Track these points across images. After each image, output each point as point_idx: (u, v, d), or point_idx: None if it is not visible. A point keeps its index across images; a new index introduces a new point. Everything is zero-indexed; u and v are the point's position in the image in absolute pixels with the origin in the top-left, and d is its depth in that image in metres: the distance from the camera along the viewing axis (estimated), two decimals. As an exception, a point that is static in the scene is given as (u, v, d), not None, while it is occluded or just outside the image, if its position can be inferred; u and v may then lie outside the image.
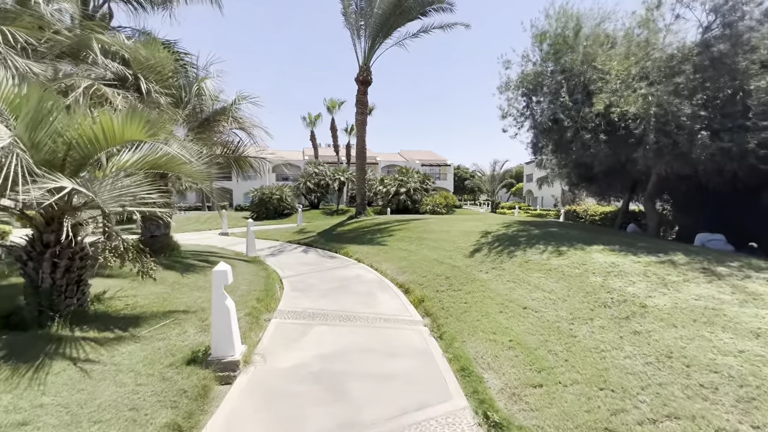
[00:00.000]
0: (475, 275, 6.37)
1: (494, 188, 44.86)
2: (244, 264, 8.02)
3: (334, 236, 12.99)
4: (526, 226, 9.47)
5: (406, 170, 28.01)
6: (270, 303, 5.58)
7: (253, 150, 9.16)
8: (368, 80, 15.31)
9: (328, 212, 27.89)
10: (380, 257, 9.04)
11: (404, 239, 10.47)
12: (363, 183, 16.14)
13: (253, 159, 8.92)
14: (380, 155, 52.79)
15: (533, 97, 8.66)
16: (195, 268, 6.74)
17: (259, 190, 25.79)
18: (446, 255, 8.04)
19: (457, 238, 9.25)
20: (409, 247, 9.48)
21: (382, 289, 6.63)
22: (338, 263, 8.94)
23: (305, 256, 9.94)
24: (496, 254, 7.19)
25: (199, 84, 6.78)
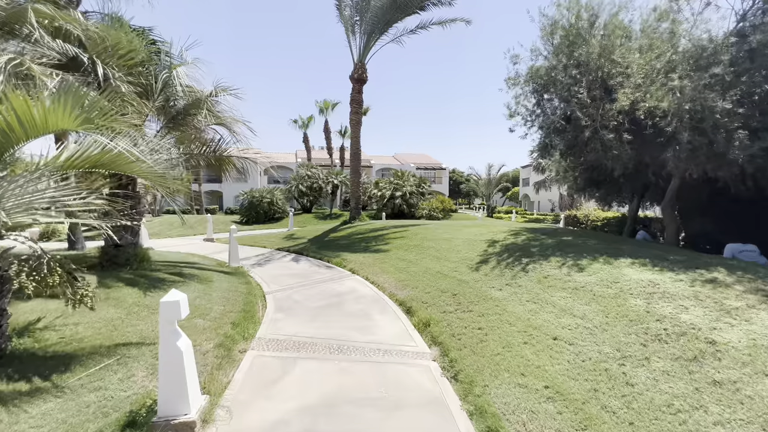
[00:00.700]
0: (487, 292, 5.55)
1: (490, 192, 44.35)
2: (224, 277, 7.11)
3: (327, 243, 12.11)
4: (536, 234, 8.70)
5: (402, 173, 27.24)
6: (248, 328, 4.69)
7: (237, 149, 8.27)
8: (363, 78, 14.51)
9: (321, 216, 26.97)
10: (377, 268, 8.19)
11: (402, 247, 9.64)
12: (357, 186, 15.30)
13: (237, 159, 8.03)
14: (375, 158, 52.02)
15: (545, 94, 7.92)
16: (164, 283, 5.82)
17: (249, 193, 24.81)
18: (451, 267, 7.22)
19: (461, 246, 8.45)
20: (409, 257, 8.65)
21: (379, 308, 5.77)
22: (330, 275, 8.06)
23: (294, 266, 9.05)
24: (508, 267, 6.39)
25: (171, 71, 5.91)
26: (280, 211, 24.87)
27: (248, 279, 7.43)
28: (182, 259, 8.86)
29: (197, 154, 7.46)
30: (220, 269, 7.98)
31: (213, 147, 7.57)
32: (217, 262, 9.02)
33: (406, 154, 57.33)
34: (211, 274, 7.08)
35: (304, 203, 29.17)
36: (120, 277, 5.83)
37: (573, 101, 7.05)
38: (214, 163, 7.88)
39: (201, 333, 4.24)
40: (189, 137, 7.49)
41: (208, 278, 6.67)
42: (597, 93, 6.75)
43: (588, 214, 20.34)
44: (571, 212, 23.35)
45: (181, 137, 7.37)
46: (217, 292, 5.87)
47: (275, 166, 46.85)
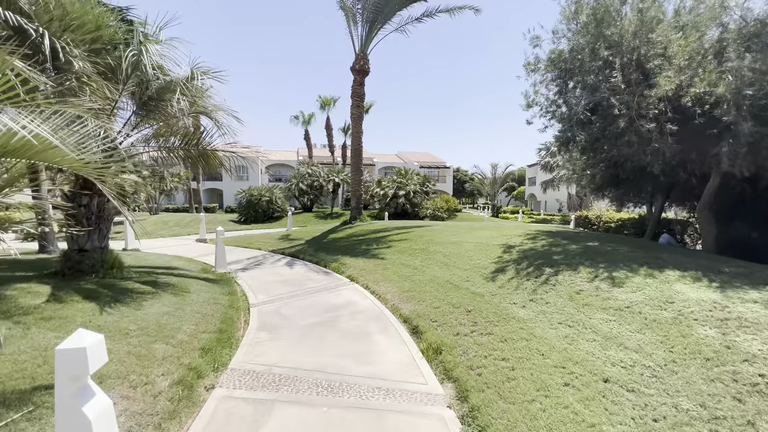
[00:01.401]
0: (507, 310, 4.69)
1: (495, 192, 43.39)
2: (205, 286, 6.29)
3: (325, 245, 11.28)
4: (556, 238, 7.82)
5: (406, 171, 26.38)
6: (221, 355, 3.86)
7: (227, 145, 7.43)
8: (365, 69, 13.65)
9: (322, 216, 26.18)
10: (378, 275, 7.35)
11: (406, 251, 8.79)
12: (359, 184, 14.45)
13: (222, 153, 7.19)
14: (377, 156, 51.19)
15: (568, 81, 7.03)
16: (130, 295, 5.00)
17: (248, 192, 24.05)
18: (462, 276, 6.36)
19: (472, 252, 7.58)
20: (414, 263, 7.79)
21: (381, 326, 4.92)
22: (326, 283, 7.22)
23: (287, 272, 8.22)
24: (530, 278, 5.52)
25: (140, 49, 5.07)
26: (279, 210, 24.11)
27: (233, 288, 6.60)
28: (164, 263, 8.05)
29: (174, 147, 6.62)
30: (204, 275, 7.16)
31: (194, 140, 6.74)
32: (203, 267, 8.20)
33: (410, 153, 56.46)
34: (191, 283, 6.26)
35: (305, 202, 28.40)
36: (80, 288, 5.02)
37: (603, 87, 6.16)
38: (196, 158, 7.04)
39: (158, 365, 3.41)
40: (168, 128, 6.65)
41: (186, 288, 5.85)
42: (633, 77, 5.85)
43: (600, 215, 19.39)
44: (582, 213, 22.42)
45: (160, 130, 6.53)
46: (192, 306, 5.05)
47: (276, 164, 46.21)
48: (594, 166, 10.16)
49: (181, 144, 6.69)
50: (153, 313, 4.53)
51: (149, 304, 4.78)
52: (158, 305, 4.81)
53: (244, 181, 40.06)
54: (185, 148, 6.68)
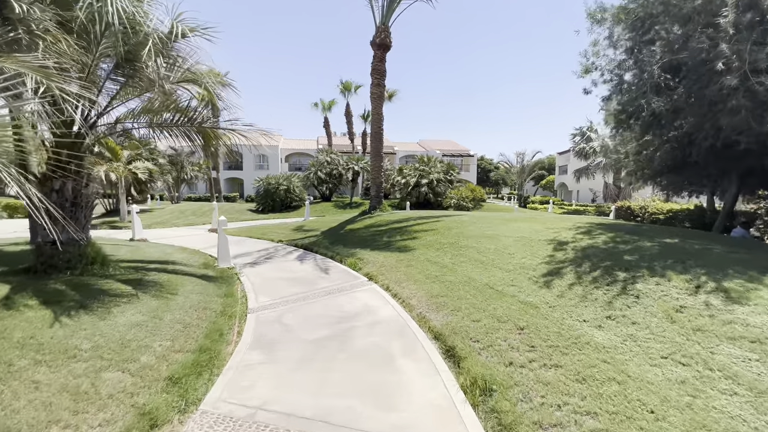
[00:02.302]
0: (577, 330, 3.49)
1: (522, 181, 41.22)
2: (199, 285, 5.40)
3: (342, 237, 10.28)
4: (618, 232, 6.46)
5: (429, 159, 24.99)
6: (195, 387, 2.90)
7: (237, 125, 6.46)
8: (387, 43, 12.35)
9: (341, 205, 25.29)
10: (400, 273, 6.27)
11: (433, 245, 7.64)
12: (379, 171, 13.31)
13: (223, 132, 6.22)
14: (398, 144, 49.78)
15: (644, 34, 5.55)
16: (102, 298, 4.14)
17: (265, 180, 23.40)
18: (505, 278, 5.17)
19: (513, 248, 6.35)
20: (442, 259, 6.65)
21: (406, 344, 3.84)
22: (340, 281, 6.20)
23: (298, 268, 7.26)
24: (598, 285, 4.27)
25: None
26: (297, 199, 23.38)
27: (233, 287, 5.69)
28: (163, 256, 7.25)
29: (166, 124, 5.68)
30: (202, 272, 6.28)
31: (188, 115, 5.78)
32: (206, 261, 7.35)
33: (432, 141, 54.67)
34: (184, 281, 5.38)
35: (323, 191, 27.59)
36: (44, 289, 4.20)
37: (698, 37, 4.69)
38: (192, 137, 6.11)
39: (99, 407, 2.46)
40: (162, 101, 5.71)
41: (174, 288, 4.96)
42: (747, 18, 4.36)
43: (645, 206, 17.48)
44: (623, 203, 20.45)
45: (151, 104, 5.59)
46: (174, 313, 4.13)
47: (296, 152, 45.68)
48: (656, 146, 8.58)
49: (174, 120, 5.74)
50: (121, 324, 3.63)
51: (120, 312, 3.88)
52: (131, 312, 3.91)
53: (264, 170, 39.79)
54: (178, 125, 5.73)
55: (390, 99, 34.12)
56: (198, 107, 5.88)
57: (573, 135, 27.67)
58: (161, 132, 5.97)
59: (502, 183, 59.52)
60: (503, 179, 58.61)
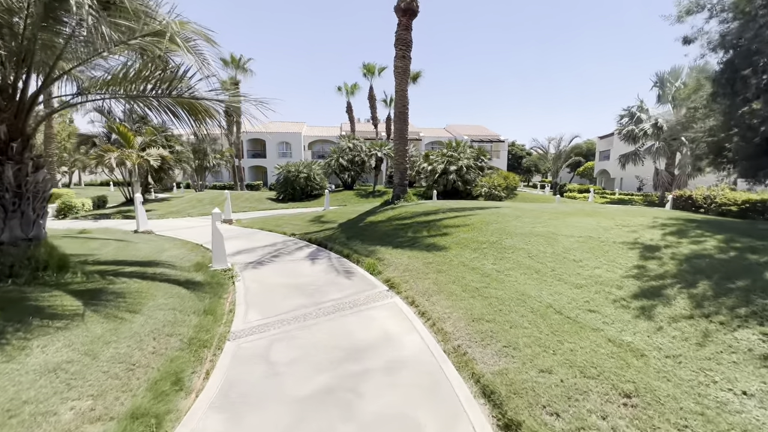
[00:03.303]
0: (736, 412, 2.05)
1: (558, 167, 38.34)
2: (178, 296, 4.31)
3: (361, 230, 9.05)
4: (728, 233, 4.80)
5: (458, 144, 23.21)
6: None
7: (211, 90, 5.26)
8: (413, 8, 10.74)
9: (363, 194, 24.08)
10: (429, 281, 4.95)
11: (469, 244, 6.24)
12: (403, 156, 11.88)
13: (209, 104, 5.04)
14: (424, 130, 47.82)
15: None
16: (27, 324, 3.09)
17: (284, 168, 22.49)
18: (576, 297, 3.74)
19: (577, 251, 4.86)
20: (483, 264, 5.25)
21: (443, 412, 2.53)
22: (354, 292, 4.96)
23: (306, 271, 6.09)
24: (742, 322, 2.77)
25: None
26: (318, 188, 22.36)
27: (221, 299, 4.57)
28: (152, 254, 6.27)
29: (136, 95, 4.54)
30: (189, 276, 5.21)
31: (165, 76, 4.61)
32: (200, 260, 6.30)
33: (459, 126, 52.25)
34: (157, 291, 4.30)
35: (345, 179, 26.46)
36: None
37: None
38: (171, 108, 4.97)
39: None
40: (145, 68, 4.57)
41: (140, 302, 3.88)
42: None
43: (711, 195, 15.04)
44: (683, 192, 17.96)
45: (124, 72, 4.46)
46: (120, 345, 3.02)
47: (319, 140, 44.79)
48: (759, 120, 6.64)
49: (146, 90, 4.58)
50: (31, 367, 2.54)
51: (42, 345, 2.81)
52: (58, 346, 2.83)
53: (288, 157, 39.24)
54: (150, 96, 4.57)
55: (415, 80, 32.23)
56: (178, 72, 4.70)
57: (620, 116, 24.85)
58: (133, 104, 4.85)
59: (534, 170, 56.27)
60: (536, 166, 55.34)
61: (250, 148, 43.56)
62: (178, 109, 5.19)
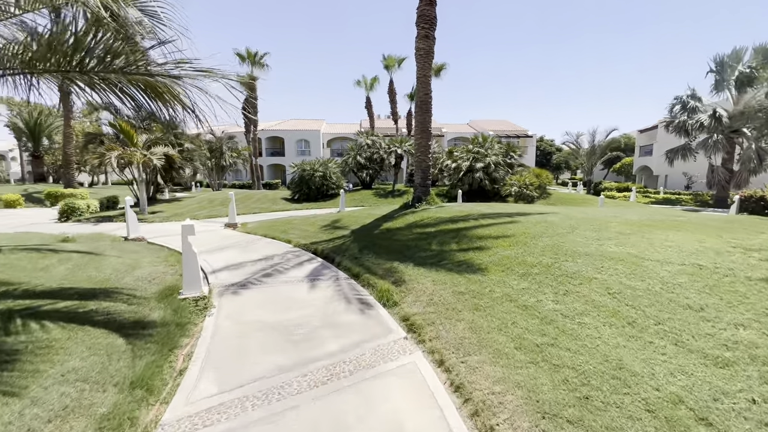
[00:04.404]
0: None
1: (592, 164, 35.58)
2: (109, 348, 3.06)
3: (376, 240, 7.65)
4: None
5: (484, 139, 21.38)
6: None
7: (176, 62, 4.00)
8: (438, -22, 9.18)
9: (382, 194, 22.68)
10: (465, 325, 3.52)
11: (514, 266, 4.73)
12: (426, 151, 10.36)
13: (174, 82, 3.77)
14: (446, 126, 45.96)
15: None
16: None
17: (299, 166, 21.40)
18: (730, 390, 2.15)
19: (690, 291, 3.27)
20: (540, 301, 3.74)
21: None
22: (357, 341, 3.55)
23: (301, 298, 4.75)
24: None
25: None
26: (334, 187, 21.15)
27: (170, 353, 3.27)
28: (110, 276, 5.06)
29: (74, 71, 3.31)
30: (140, 313, 3.95)
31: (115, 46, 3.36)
32: (172, 285, 5.06)
33: (483, 121, 49.99)
34: (78, 343, 3.06)
35: (363, 177, 25.16)
36: None
37: None
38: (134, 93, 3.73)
39: None
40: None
41: (38, 369, 2.64)
42: None
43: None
44: (754, 192, 15.52)
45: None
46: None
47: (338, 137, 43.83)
48: None
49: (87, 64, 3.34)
50: None
51: None
52: None
53: (306, 155, 38.37)
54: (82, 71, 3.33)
55: (438, 73, 30.50)
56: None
57: (671, 105, 22.23)
58: (69, 84, 3.63)
59: (565, 167, 53.18)
60: (566, 163, 52.26)
61: (268, 147, 43.09)
62: (132, 89, 3.94)
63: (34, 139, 29.51)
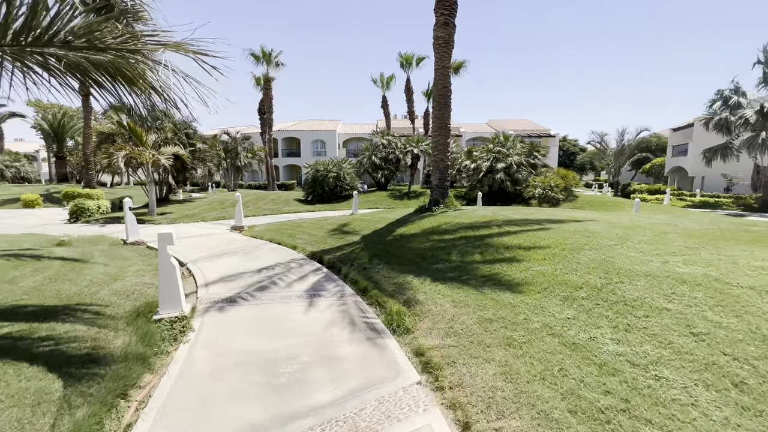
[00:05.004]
0: None
1: (620, 164, 33.69)
2: (29, 401, 2.38)
3: (388, 247, 6.89)
4: None
5: (506, 138, 20.28)
6: None
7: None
8: (459, -41, 8.33)
9: (397, 195, 21.88)
10: (493, 369, 2.74)
11: (553, 286, 3.86)
12: (444, 151, 9.52)
13: (130, 58, 3.13)
14: (465, 126, 44.73)
15: None
16: None
17: (313, 167, 20.86)
18: None
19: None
20: (594, 339, 2.87)
21: None
22: (357, 388, 2.78)
23: (294, 323, 4.02)
24: None
25: None
26: (348, 188, 20.51)
27: (111, 407, 2.58)
28: (75, 293, 4.45)
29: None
30: (99, 340, 3.30)
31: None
32: (151, 301, 4.42)
33: (503, 120, 48.45)
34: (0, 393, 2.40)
35: (378, 178, 24.43)
36: None
37: None
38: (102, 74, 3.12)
39: None
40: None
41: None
42: None
43: None
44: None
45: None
46: None
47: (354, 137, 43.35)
48: None
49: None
50: None
51: None
52: None
53: (322, 156, 37.94)
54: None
55: (457, 71, 29.45)
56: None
57: (711, 101, 20.53)
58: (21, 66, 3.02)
59: (589, 168, 51.00)
60: (591, 163, 50.08)
61: (284, 147, 42.98)
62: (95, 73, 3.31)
63: (57, 140, 30.23)
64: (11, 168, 37.32)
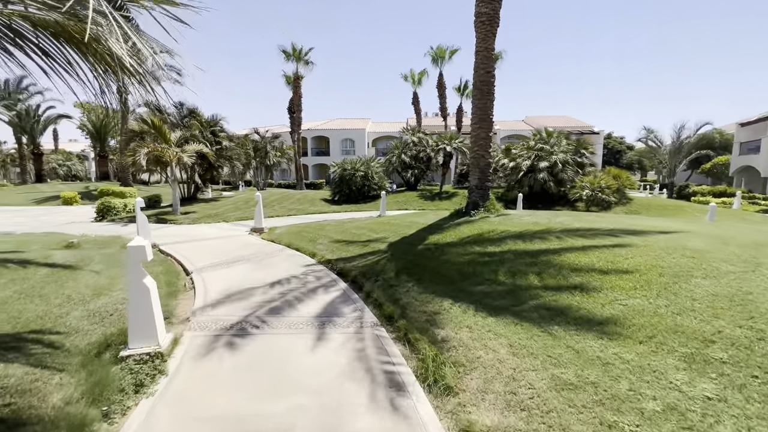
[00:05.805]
0: None
1: (675, 164, 30.43)
2: None
3: (419, 259, 5.82)
4: None
5: (549, 134, 18.52)
6: None
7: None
8: None
9: (428, 195, 20.64)
10: None
11: (662, 333, 2.62)
12: (486, 146, 8.28)
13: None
14: (499, 123, 42.42)
15: None
16: None
17: (340, 165, 20.09)
18: None
19: None
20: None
21: None
22: None
23: (298, 368, 3.05)
24: None
25: None
26: (376, 188, 19.56)
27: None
28: (43, 313, 3.73)
29: None
30: (25, 394, 2.48)
31: None
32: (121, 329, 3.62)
33: (541, 117, 45.62)
34: None
35: (408, 178, 23.30)
36: None
37: None
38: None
39: None
40: None
41: None
42: None
43: None
44: None
45: None
46: None
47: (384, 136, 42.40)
48: None
49: None
50: None
51: None
52: None
53: (351, 155, 37.34)
54: None
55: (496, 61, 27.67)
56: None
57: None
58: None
59: (637, 167, 47.04)
60: (639, 162, 46.17)
61: (314, 146, 42.82)
62: (51, 44, 2.51)
63: (100, 139, 31.57)
64: (63, 167, 39.78)
